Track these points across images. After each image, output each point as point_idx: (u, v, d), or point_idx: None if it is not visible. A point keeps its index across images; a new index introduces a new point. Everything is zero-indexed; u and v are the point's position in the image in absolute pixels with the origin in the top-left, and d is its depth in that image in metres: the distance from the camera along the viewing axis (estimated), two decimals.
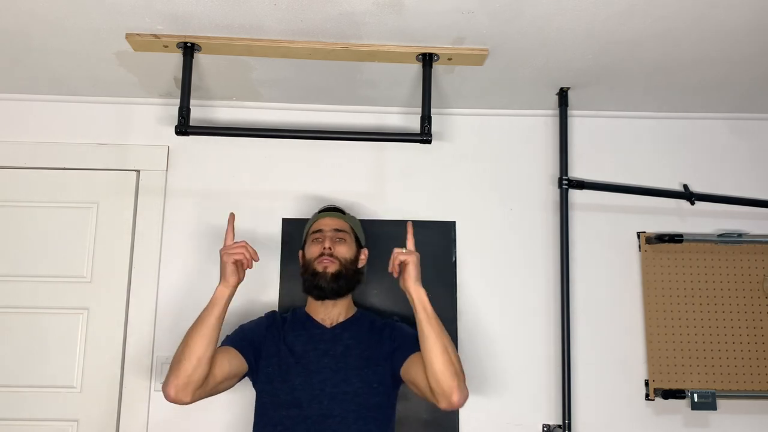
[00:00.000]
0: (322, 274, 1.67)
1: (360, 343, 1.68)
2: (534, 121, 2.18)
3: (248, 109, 2.13)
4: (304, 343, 1.67)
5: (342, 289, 1.69)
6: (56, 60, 1.82)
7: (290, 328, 1.71)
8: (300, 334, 1.69)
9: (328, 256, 1.68)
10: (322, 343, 1.67)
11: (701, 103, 2.12)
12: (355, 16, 1.55)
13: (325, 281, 1.66)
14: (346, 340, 1.68)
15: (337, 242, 1.72)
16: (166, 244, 2.04)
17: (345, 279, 1.69)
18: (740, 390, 2.03)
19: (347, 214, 1.85)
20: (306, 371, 1.62)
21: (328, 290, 1.67)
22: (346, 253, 1.72)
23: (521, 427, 2.00)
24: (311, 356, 1.65)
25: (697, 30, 1.61)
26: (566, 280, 2.00)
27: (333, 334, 1.69)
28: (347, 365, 1.63)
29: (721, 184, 2.18)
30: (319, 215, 1.81)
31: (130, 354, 1.98)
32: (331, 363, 1.64)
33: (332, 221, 1.77)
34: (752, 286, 2.09)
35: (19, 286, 2.00)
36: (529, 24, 1.59)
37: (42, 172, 2.06)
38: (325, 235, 1.72)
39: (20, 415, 1.94)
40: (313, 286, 1.68)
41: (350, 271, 1.71)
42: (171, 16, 1.57)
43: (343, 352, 1.66)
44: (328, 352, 1.65)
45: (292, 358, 1.64)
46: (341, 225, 1.77)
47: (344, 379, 1.61)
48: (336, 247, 1.70)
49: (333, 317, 1.72)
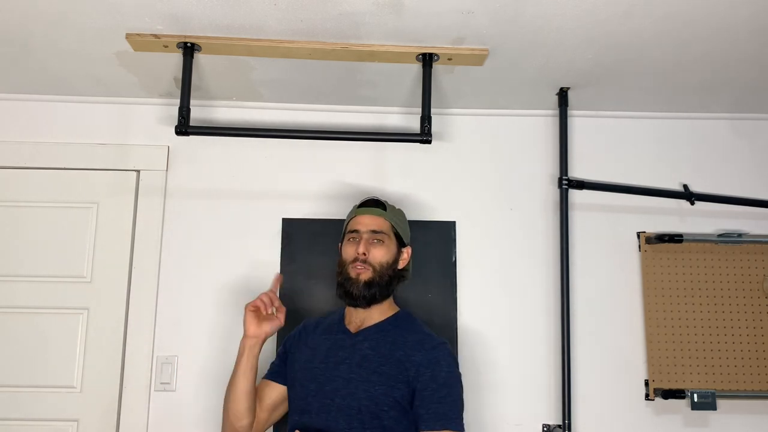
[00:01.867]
0: (354, 282, 1.55)
1: (379, 356, 1.52)
2: (534, 121, 2.18)
3: (248, 109, 2.13)
4: (327, 348, 1.58)
5: (375, 298, 1.56)
6: (56, 60, 1.82)
7: (323, 330, 1.64)
8: (327, 338, 1.61)
9: (361, 263, 1.56)
10: (342, 350, 1.56)
11: (701, 103, 2.12)
12: (355, 16, 1.55)
13: (357, 289, 1.55)
14: (366, 350, 1.53)
15: (373, 245, 1.58)
16: (166, 244, 2.04)
17: (379, 286, 1.56)
18: (740, 390, 2.03)
19: (389, 209, 1.66)
20: (321, 378, 1.53)
21: (360, 298, 1.55)
22: (383, 257, 1.58)
23: (521, 427, 1.99)
24: (330, 362, 1.55)
25: (697, 30, 1.61)
26: (566, 280, 2.00)
27: (354, 342, 1.56)
28: (359, 377, 1.49)
29: (721, 184, 2.17)
30: (358, 210, 1.65)
31: (130, 354, 1.97)
32: (345, 372, 1.51)
33: (371, 220, 1.61)
34: (752, 286, 2.09)
35: (19, 286, 2.00)
36: (529, 24, 1.59)
37: (42, 172, 2.06)
38: (361, 237, 1.59)
39: (20, 415, 1.94)
40: (345, 293, 1.57)
41: (386, 276, 1.57)
42: (171, 16, 1.57)
43: (359, 363, 1.52)
44: (345, 360, 1.53)
45: (314, 362, 1.57)
46: (380, 225, 1.61)
47: (352, 392, 1.48)
48: (371, 252, 1.57)
49: (360, 322, 1.59)
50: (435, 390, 1.45)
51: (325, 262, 2.02)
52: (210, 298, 2.02)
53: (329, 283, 2.02)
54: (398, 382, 1.47)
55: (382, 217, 1.63)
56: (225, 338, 1.99)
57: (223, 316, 2.01)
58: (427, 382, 1.46)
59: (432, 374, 1.47)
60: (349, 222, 1.66)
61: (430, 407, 1.44)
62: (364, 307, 1.57)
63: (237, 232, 2.06)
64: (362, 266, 1.56)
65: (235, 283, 2.03)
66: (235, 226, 2.07)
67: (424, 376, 1.47)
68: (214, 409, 1.93)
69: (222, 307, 2.01)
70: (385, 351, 1.52)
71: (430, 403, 1.44)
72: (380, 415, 1.45)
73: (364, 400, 1.46)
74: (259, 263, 2.04)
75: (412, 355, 1.50)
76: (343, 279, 1.59)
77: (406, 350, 1.52)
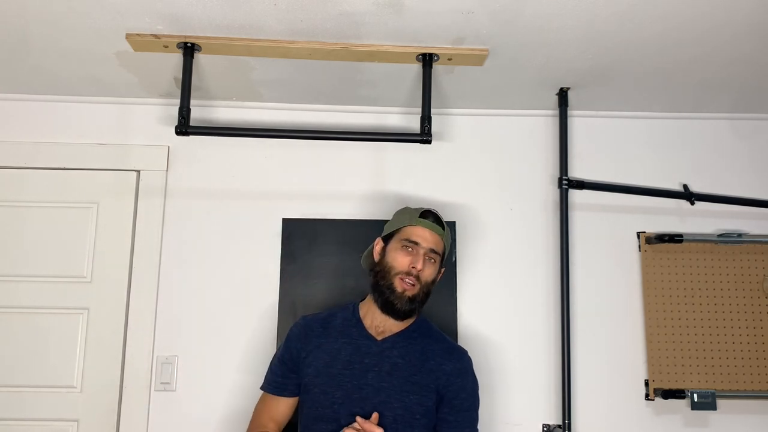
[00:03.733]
0: (400, 296, 1.52)
1: (410, 365, 1.54)
2: (534, 121, 2.18)
3: (248, 109, 2.13)
4: (350, 354, 1.54)
5: (414, 312, 1.56)
6: (56, 60, 1.82)
7: (339, 333, 1.58)
8: (348, 342, 1.56)
9: (414, 278, 1.53)
10: (368, 357, 1.54)
11: (701, 103, 2.12)
12: (355, 16, 1.55)
13: (401, 303, 1.52)
14: (395, 358, 1.54)
15: (427, 264, 1.56)
16: (166, 244, 2.04)
17: (419, 302, 1.55)
18: (740, 390, 2.03)
19: (446, 229, 1.64)
20: (348, 385, 1.50)
21: (401, 313, 1.53)
22: (430, 276, 1.57)
23: (521, 427, 2.00)
24: (356, 369, 1.52)
25: (697, 30, 1.61)
26: (566, 280, 2.00)
27: (381, 349, 1.55)
28: (391, 386, 1.50)
29: (721, 184, 2.17)
30: (420, 221, 1.59)
31: (130, 354, 1.97)
32: (374, 380, 1.51)
33: (432, 237, 1.57)
34: (752, 286, 2.09)
35: (19, 286, 2.00)
36: (529, 24, 1.59)
37: (42, 172, 2.06)
38: (419, 253, 1.54)
39: (20, 415, 1.94)
40: (387, 303, 1.53)
41: (425, 294, 1.57)
42: (171, 16, 1.57)
43: (389, 371, 1.52)
44: (373, 368, 1.52)
45: (335, 368, 1.53)
46: (439, 245, 1.58)
47: (385, 401, 1.48)
48: (425, 270, 1.55)
49: (383, 327, 1.58)
50: (464, 399, 1.56)
51: (325, 262, 2.03)
52: (210, 298, 2.02)
53: (329, 283, 2.02)
54: (430, 391, 1.52)
55: (441, 237, 1.60)
56: (225, 338, 1.99)
57: (223, 316, 2.01)
58: (458, 392, 1.55)
59: (462, 384, 1.57)
60: (406, 228, 1.59)
61: (459, 415, 1.55)
62: (401, 320, 1.56)
63: (237, 232, 2.06)
64: (413, 281, 1.53)
65: (235, 283, 2.03)
66: (235, 226, 2.07)
67: (454, 385, 1.55)
68: (214, 409, 1.93)
69: (222, 307, 2.01)
70: (415, 360, 1.55)
71: (459, 411, 1.55)
72: (413, 423, 1.50)
73: (399, 409, 1.49)
74: (259, 263, 2.04)
75: (442, 365, 1.56)
76: (386, 287, 1.54)
77: (437, 359, 1.56)
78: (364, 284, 2.02)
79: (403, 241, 1.57)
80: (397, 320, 1.56)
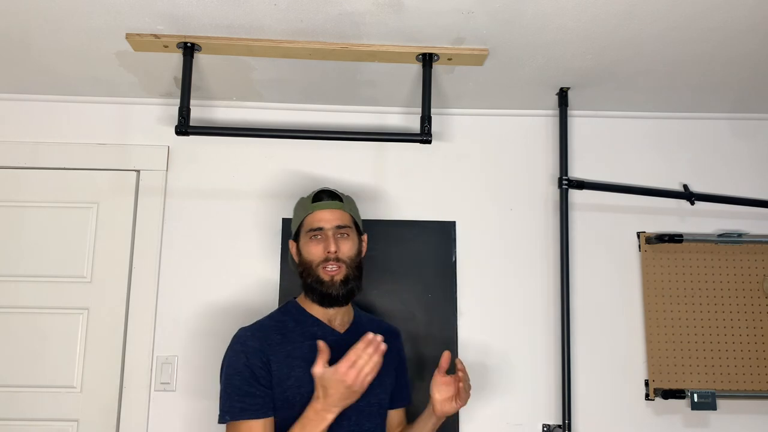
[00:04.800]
0: (331, 284, 1.49)
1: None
2: (534, 121, 2.18)
3: (248, 109, 2.13)
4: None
5: (353, 292, 1.52)
6: (56, 60, 1.82)
7: (301, 336, 1.50)
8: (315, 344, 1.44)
9: (334, 261, 1.49)
10: (340, 351, 1.44)
11: (701, 103, 2.12)
12: (355, 16, 1.55)
13: (335, 290, 1.49)
14: None
15: (340, 240, 1.51)
16: (166, 244, 2.04)
17: (354, 279, 1.52)
18: (740, 390, 2.03)
19: (345, 199, 1.59)
20: None
21: (340, 298, 1.50)
22: (351, 250, 1.53)
23: (521, 427, 2.00)
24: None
25: (696, 30, 1.61)
26: (566, 280, 2.00)
27: (349, 341, 1.46)
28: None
29: (721, 184, 2.18)
30: (314, 206, 1.55)
31: (130, 354, 1.97)
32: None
33: (332, 215, 1.53)
34: (752, 286, 2.09)
35: (19, 286, 2.00)
36: (529, 24, 1.59)
37: (42, 172, 2.06)
38: (328, 236, 1.51)
39: (20, 415, 1.94)
40: (323, 296, 1.49)
41: (356, 269, 1.53)
42: (171, 16, 1.57)
43: None
44: None
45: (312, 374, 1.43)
46: (343, 218, 1.54)
47: (368, 390, 1.40)
48: (341, 248, 1.51)
49: (341, 320, 1.55)
50: (406, 369, 1.69)
51: None
52: (210, 298, 2.02)
53: None
54: (391, 369, 1.60)
55: (342, 210, 1.55)
56: (225, 338, 1.98)
57: (223, 315, 2.01)
58: (404, 365, 1.68)
59: (404, 358, 1.69)
60: (306, 219, 1.55)
61: (407, 386, 1.67)
62: (344, 305, 1.53)
63: (237, 232, 2.06)
64: (335, 265, 1.49)
65: (235, 283, 2.03)
66: (235, 226, 2.07)
67: (402, 360, 1.67)
68: (214, 409, 1.93)
69: (222, 307, 2.01)
70: None
71: (405, 381, 1.67)
72: (386, 403, 1.56)
73: (381, 393, 1.53)
74: (259, 263, 2.04)
75: (393, 343, 1.60)
76: (315, 282, 1.50)
77: (388, 340, 1.51)
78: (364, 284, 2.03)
79: (308, 232, 1.53)
80: (343, 306, 1.53)
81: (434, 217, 2.10)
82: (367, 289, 2.01)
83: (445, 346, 2.00)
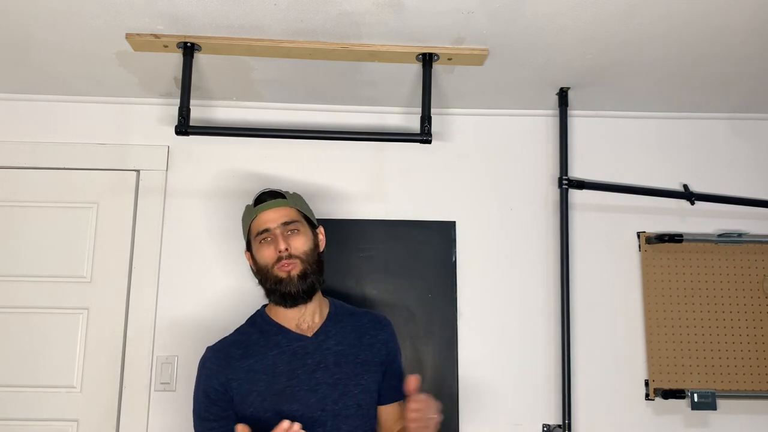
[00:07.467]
0: (287, 281, 1.45)
1: (351, 347, 1.50)
2: (534, 121, 2.18)
3: (248, 109, 2.13)
4: (288, 362, 1.45)
5: (313, 287, 1.48)
6: (56, 60, 1.82)
7: (264, 347, 1.47)
8: (281, 352, 1.46)
9: (286, 259, 1.45)
10: (309, 357, 1.46)
11: (701, 103, 2.12)
12: (355, 16, 1.55)
13: (293, 286, 1.45)
14: (335, 347, 1.49)
15: (290, 237, 1.48)
16: (166, 244, 2.04)
17: (313, 274, 1.48)
18: (740, 390, 2.03)
19: (288, 196, 1.56)
20: (301, 393, 1.43)
21: (300, 295, 1.46)
22: (304, 245, 1.49)
23: (521, 427, 2.00)
24: (301, 374, 1.44)
25: (697, 30, 1.61)
26: (566, 280, 2.00)
27: (317, 344, 1.48)
28: (344, 375, 1.46)
29: (721, 184, 2.18)
30: (258, 209, 1.52)
31: (130, 354, 1.97)
32: (325, 377, 1.45)
33: (276, 214, 1.50)
34: (752, 286, 2.09)
35: (19, 286, 2.00)
36: (529, 24, 1.59)
37: (42, 172, 2.06)
38: (275, 234, 1.47)
39: (20, 415, 1.94)
40: (282, 295, 1.46)
41: (314, 263, 1.49)
42: (171, 16, 1.57)
43: (336, 362, 1.47)
44: (319, 365, 1.46)
45: (280, 384, 1.43)
46: (289, 215, 1.50)
47: (344, 392, 1.44)
48: (292, 244, 1.47)
49: (310, 321, 1.50)
50: (400, 363, 1.59)
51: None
52: (210, 298, 2.02)
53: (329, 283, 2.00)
54: (377, 365, 1.52)
55: (286, 207, 1.52)
56: None
57: (223, 315, 2.00)
58: (394, 357, 1.57)
59: (395, 348, 1.59)
60: (252, 225, 1.52)
61: (399, 380, 1.54)
62: (306, 301, 1.48)
63: (237, 232, 2.05)
64: (289, 262, 1.45)
65: (235, 283, 2.03)
66: (235, 225, 2.06)
67: (392, 352, 1.57)
68: None
69: (222, 307, 2.01)
70: (352, 340, 1.52)
71: (398, 375, 1.56)
72: (372, 402, 1.50)
73: (359, 393, 1.47)
74: None
75: (377, 336, 1.56)
76: (273, 283, 1.46)
77: (370, 333, 1.55)
78: (364, 284, 2.04)
79: (257, 236, 1.50)
80: (304, 303, 1.48)
81: (434, 217, 2.10)
82: (368, 289, 2.01)
83: (445, 346, 2.00)
